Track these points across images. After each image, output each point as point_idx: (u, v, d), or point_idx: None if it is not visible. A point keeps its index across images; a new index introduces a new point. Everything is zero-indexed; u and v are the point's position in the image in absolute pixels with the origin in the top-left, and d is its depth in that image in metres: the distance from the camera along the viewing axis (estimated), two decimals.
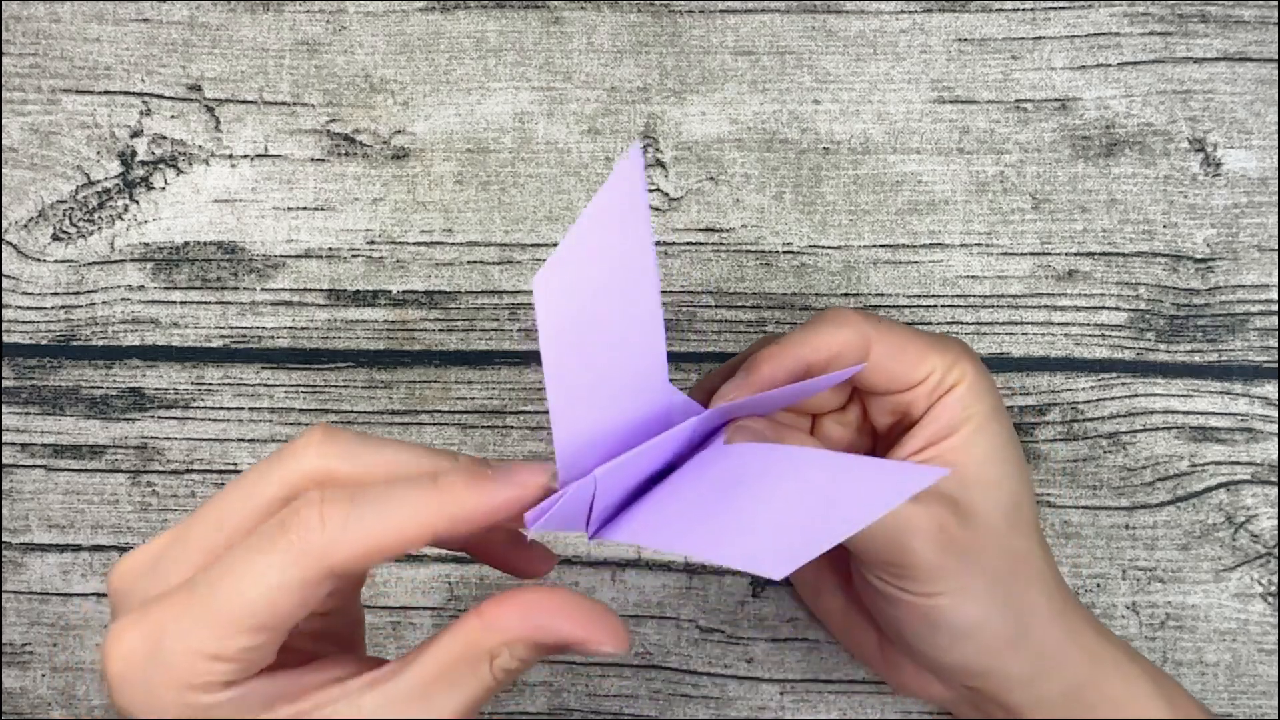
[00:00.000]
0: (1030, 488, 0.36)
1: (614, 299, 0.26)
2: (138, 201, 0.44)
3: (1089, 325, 0.43)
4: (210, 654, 0.25)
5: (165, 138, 0.44)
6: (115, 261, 0.44)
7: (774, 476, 0.27)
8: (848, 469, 0.27)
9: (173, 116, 0.44)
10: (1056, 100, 0.43)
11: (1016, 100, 0.43)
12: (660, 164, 0.44)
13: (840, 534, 0.24)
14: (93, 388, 0.44)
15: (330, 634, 0.30)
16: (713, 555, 0.25)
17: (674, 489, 0.29)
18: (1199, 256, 0.43)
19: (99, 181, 0.44)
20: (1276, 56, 0.43)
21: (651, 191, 0.44)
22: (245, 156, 0.44)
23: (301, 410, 0.44)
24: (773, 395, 0.32)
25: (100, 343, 0.44)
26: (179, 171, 0.44)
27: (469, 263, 0.44)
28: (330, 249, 0.44)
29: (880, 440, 0.37)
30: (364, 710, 0.26)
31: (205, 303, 0.44)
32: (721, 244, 0.44)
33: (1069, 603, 0.36)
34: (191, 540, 0.27)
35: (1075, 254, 0.43)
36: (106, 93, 0.44)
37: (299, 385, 0.44)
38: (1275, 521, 0.42)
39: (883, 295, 0.43)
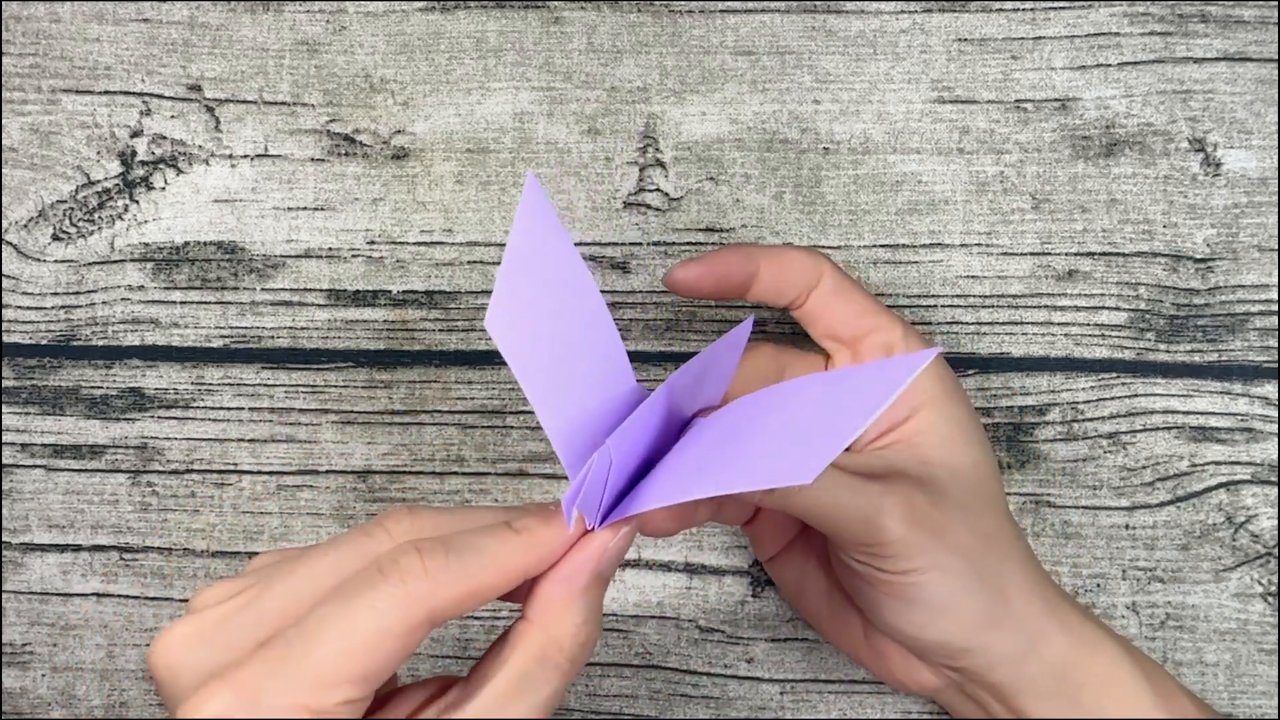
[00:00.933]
0: (995, 466, 0.37)
1: (561, 310, 0.29)
2: (138, 201, 0.44)
3: (1089, 325, 0.43)
4: (314, 708, 0.25)
5: (165, 138, 0.44)
6: (115, 261, 0.44)
7: (773, 409, 0.29)
8: (841, 379, 0.29)
9: (173, 116, 0.44)
10: (1056, 100, 0.43)
11: (1016, 100, 0.43)
12: (660, 164, 0.44)
13: (853, 430, 0.25)
14: (93, 388, 0.44)
15: None
16: (737, 485, 0.26)
17: (675, 458, 0.30)
18: (1199, 256, 0.43)
19: (99, 181, 0.44)
20: (1276, 56, 0.43)
21: (651, 191, 0.44)
22: (245, 156, 0.44)
23: (301, 410, 0.44)
24: (713, 355, 0.32)
25: (100, 343, 0.44)
26: (179, 171, 0.44)
27: (469, 263, 0.44)
28: (330, 249, 0.44)
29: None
30: None
31: (205, 303, 0.44)
32: (721, 244, 0.44)
33: (1045, 581, 0.36)
34: (265, 605, 0.27)
35: (1075, 254, 0.43)
36: (106, 93, 0.44)
37: (299, 385, 0.44)
38: (1275, 521, 0.42)
39: (883, 295, 0.43)
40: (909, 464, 0.36)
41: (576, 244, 0.44)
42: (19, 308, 0.44)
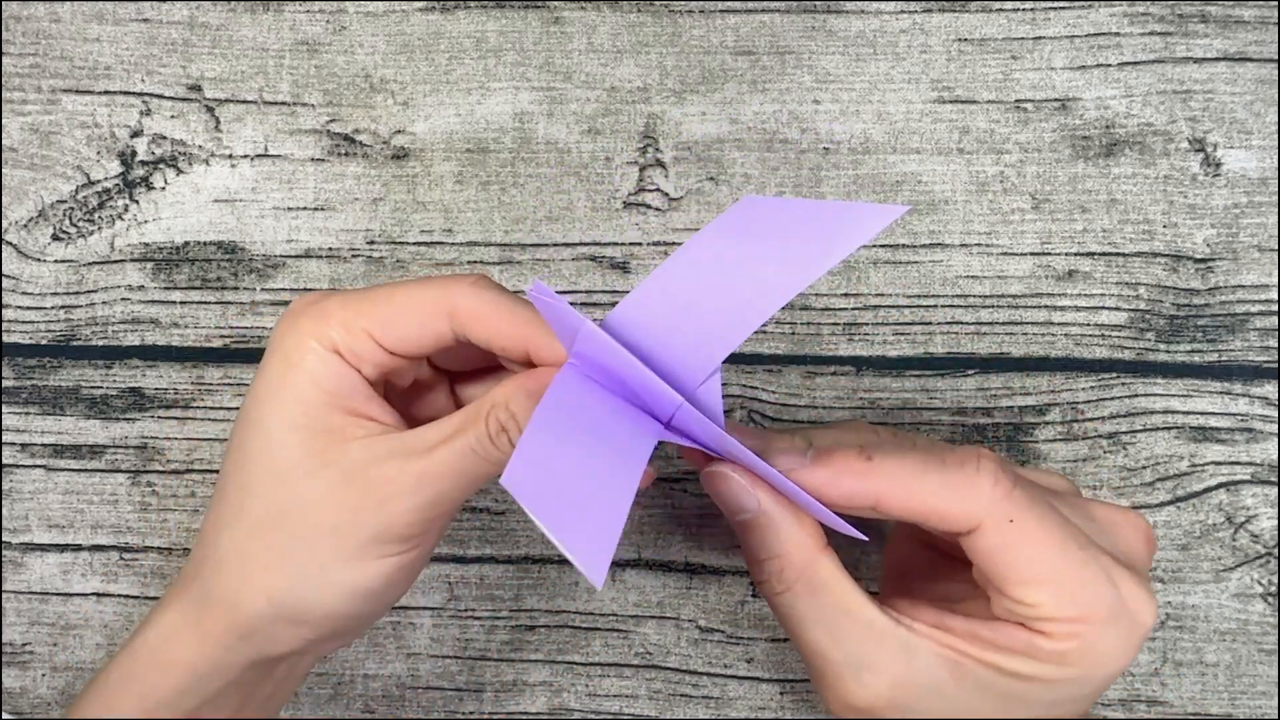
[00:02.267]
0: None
1: (753, 274, 0.29)
2: (138, 201, 0.44)
3: (1089, 325, 0.43)
4: (345, 324, 0.32)
5: (165, 138, 0.44)
6: (115, 261, 0.44)
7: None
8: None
9: (173, 116, 0.44)
10: (1056, 100, 0.43)
11: (1016, 100, 0.43)
12: (660, 164, 0.44)
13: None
14: (93, 388, 0.44)
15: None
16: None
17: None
18: (1199, 256, 0.43)
19: (99, 181, 0.44)
20: (1276, 56, 0.43)
21: (651, 191, 0.44)
22: (245, 156, 0.44)
23: None
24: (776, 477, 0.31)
25: (100, 343, 0.44)
26: (179, 171, 0.44)
27: (469, 263, 0.44)
28: (330, 249, 0.44)
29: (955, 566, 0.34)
30: (382, 446, 0.31)
31: (205, 303, 0.44)
32: None
33: None
34: (396, 298, 0.33)
35: (1075, 254, 0.43)
36: (106, 93, 0.44)
37: None
38: (1275, 521, 0.42)
39: (883, 295, 0.43)
40: (923, 674, 0.31)
41: (576, 243, 0.44)
42: (19, 308, 0.44)
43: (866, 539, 0.29)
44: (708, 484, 0.32)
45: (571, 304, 0.30)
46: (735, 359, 0.43)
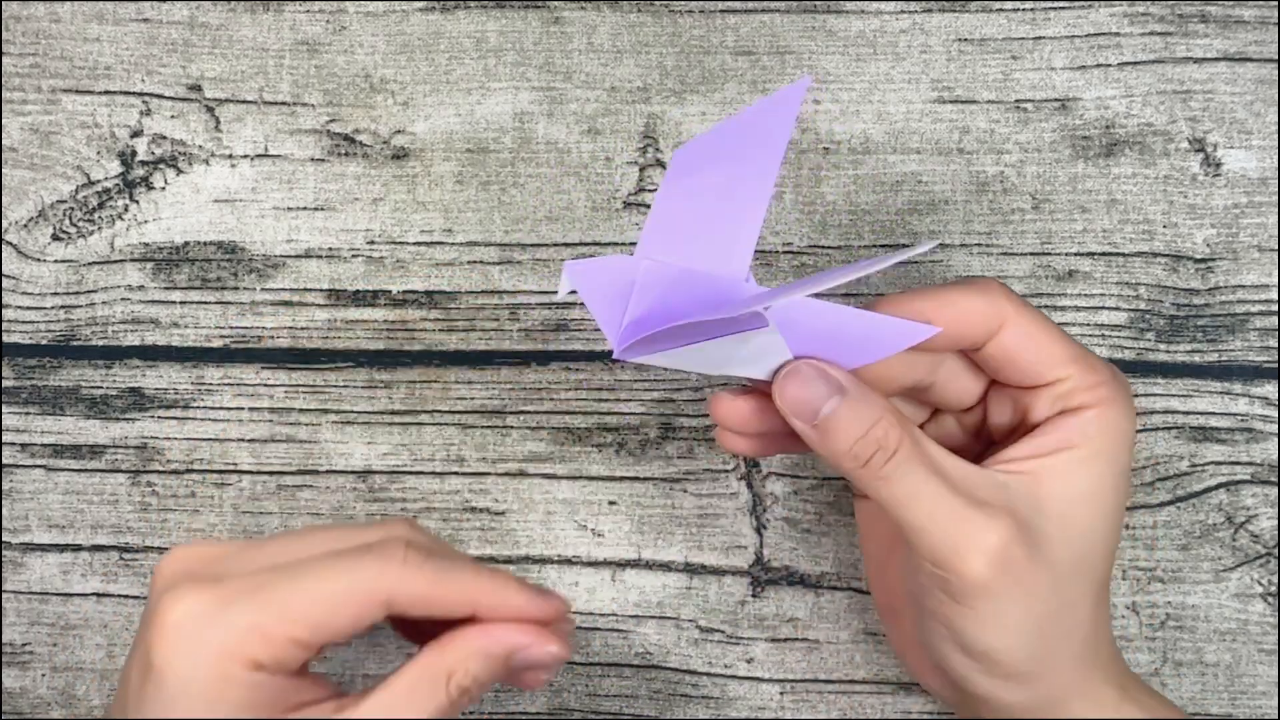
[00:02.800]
0: (1112, 548, 0.34)
1: (729, 191, 0.31)
2: (138, 201, 0.44)
3: (1089, 325, 0.43)
4: (267, 636, 0.29)
5: (165, 138, 0.44)
6: (115, 261, 0.44)
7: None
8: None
9: (173, 116, 0.44)
10: (1056, 100, 0.43)
11: (1016, 100, 0.43)
12: (660, 164, 0.44)
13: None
14: (93, 388, 0.44)
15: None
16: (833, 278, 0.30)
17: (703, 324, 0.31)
18: (1199, 256, 0.43)
19: (99, 181, 0.44)
20: (1276, 56, 0.43)
21: (652, 191, 0.44)
22: (245, 156, 0.44)
23: (301, 410, 0.44)
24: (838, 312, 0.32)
25: (100, 343, 0.44)
26: (179, 171, 0.44)
27: (469, 263, 0.44)
28: (330, 249, 0.44)
29: (992, 448, 0.35)
30: None
31: (205, 303, 0.44)
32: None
33: (1099, 666, 0.34)
34: (265, 551, 0.31)
35: (1075, 254, 0.43)
36: (106, 93, 0.44)
37: (299, 385, 0.44)
38: (1275, 521, 0.42)
39: (882, 295, 0.43)
40: (1022, 502, 0.32)
41: (576, 243, 0.44)
42: (19, 308, 0.44)
43: (939, 328, 0.32)
44: (780, 390, 0.32)
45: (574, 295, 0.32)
46: None
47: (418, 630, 0.33)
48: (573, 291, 0.32)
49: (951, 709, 0.38)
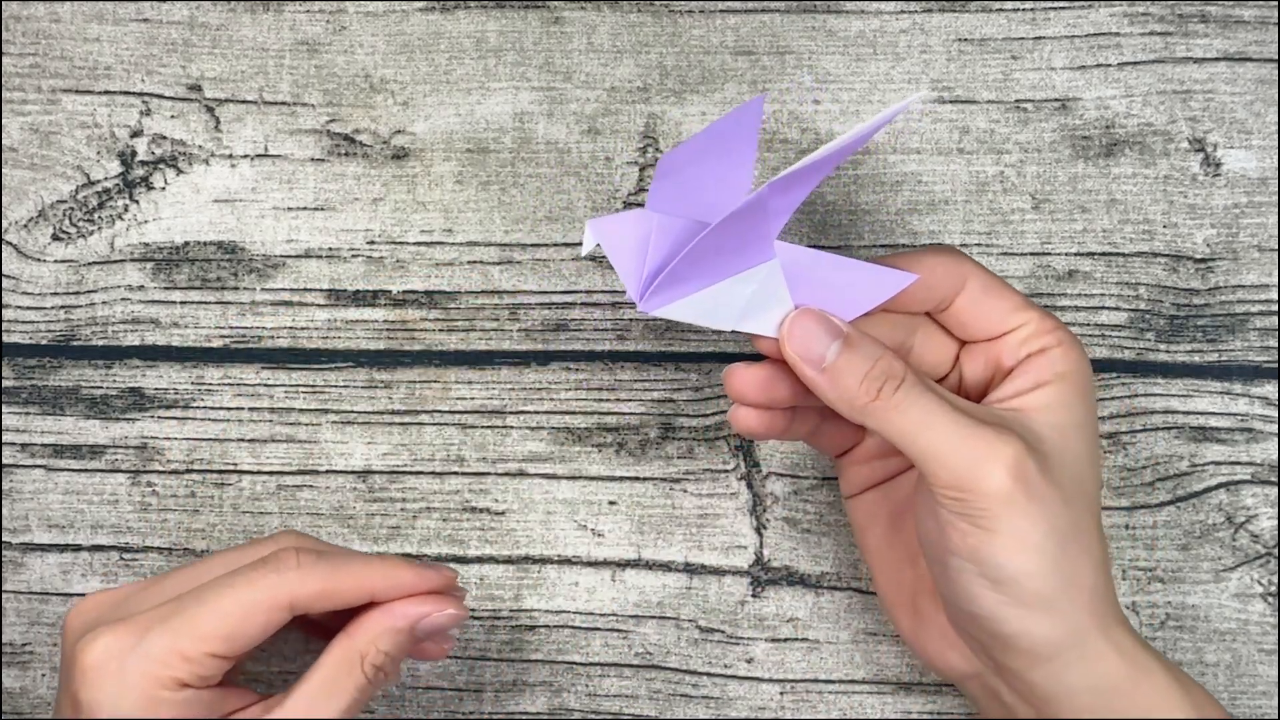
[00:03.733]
0: (1099, 477, 0.35)
1: (711, 192, 0.34)
2: (138, 201, 0.44)
3: (1089, 325, 0.43)
4: (186, 656, 0.31)
5: (165, 138, 0.44)
6: (115, 261, 0.44)
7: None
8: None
9: (173, 116, 0.44)
10: (1056, 100, 0.43)
11: (1016, 100, 0.43)
12: None
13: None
14: (93, 388, 0.44)
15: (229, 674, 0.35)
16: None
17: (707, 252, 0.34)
18: (1199, 256, 0.43)
19: (99, 181, 0.44)
20: (1276, 56, 0.43)
21: None
22: (245, 156, 0.44)
23: (301, 410, 0.44)
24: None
25: (100, 343, 0.44)
26: (179, 171, 0.44)
27: (469, 263, 0.44)
28: (330, 249, 0.44)
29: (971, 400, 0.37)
30: None
31: (205, 303, 0.44)
32: None
33: (1112, 600, 0.35)
34: (165, 586, 0.33)
35: (1075, 254, 0.43)
36: (106, 93, 0.44)
37: (299, 385, 0.44)
38: (1275, 521, 0.42)
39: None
40: (1024, 432, 0.34)
41: (575, 244, 0.44)
42: (19, 308, 0.44)
43: (917, 275, 0.34)
44: (791, 336, 0.34)
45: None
46: (737, 359, 0.43)
47: (323, 629, 0.36)
48: (597, 245, 0.34)
49: (972, 700, 0.37)
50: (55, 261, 0.44)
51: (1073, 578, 0.33)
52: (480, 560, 0.43)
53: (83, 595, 0.43)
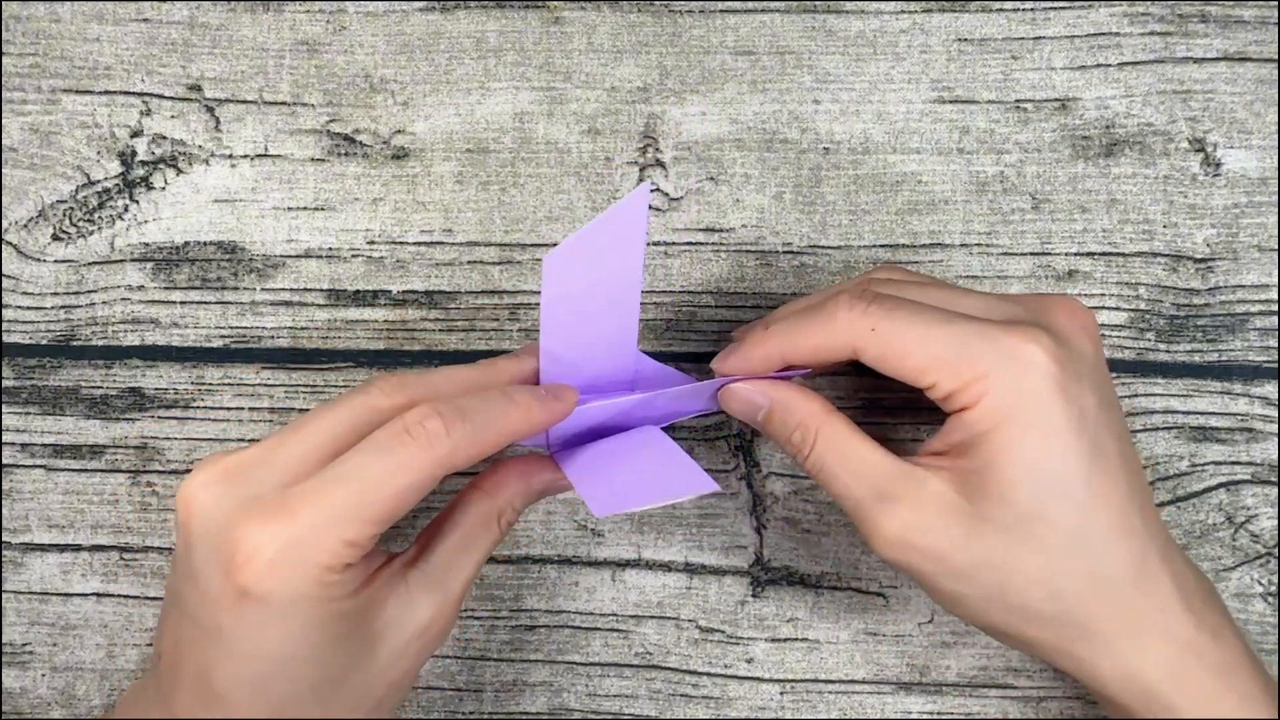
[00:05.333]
0: (1083, 495, 0.33)
1: (604, 285, 0.34)
2: (138, 201, 0.44)
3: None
4: (352, 541, 0.31)
5: (165, 138, 0.44)
6: (115, 261, 0.44)
7: (635, 450, 0.36)
8: (669, 462, 0.35)
9: (173, 116, 0.44)
10: (1056, 100, 0.43)
11: (1016, 100, 0.43)
12: (660, 164, 0.44)
13: (649, 502, 0.33)
14: (93, 388, 0.44)
15: None
16: (588, 500, 0.34)
17: (605, 445, 0.37)
18: (1199, 256, 0.43)
19: (99, 181, 0.44)
20: (1276, 56, 0.43)
21: (652, 192, 0.44)
22: (245, 156, 0.44)
23: (301, 410, 0.44)
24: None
25: (100, 343, 0.44)
26: (179, 171, 0.44)
27: (469, 263, 0.44)
28: (330, 249, 0.44)
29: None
30: (412, 585, 0.33)
31: (205, 303, 0.44)
32: (721, 244, 0.44)
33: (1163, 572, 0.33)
34: (283, 454, 0.32)
35: (1075, 254, 0.43)
36: (106, 93, 0.44)
37: (299, 385, 0.44)
38: (1275, 521, 0.42)
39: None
40: (947, 478, 0.34)
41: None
42: (19, 308, 0.44)
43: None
44: (725, 405, 0.37)
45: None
46: None
47: None
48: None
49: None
50: (55, 261, 0.44)
51: (984, 614, 0.34)
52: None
53: (83, 595, 0.43)
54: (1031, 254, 0.43)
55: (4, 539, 0.44)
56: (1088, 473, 0.33)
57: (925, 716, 0.43)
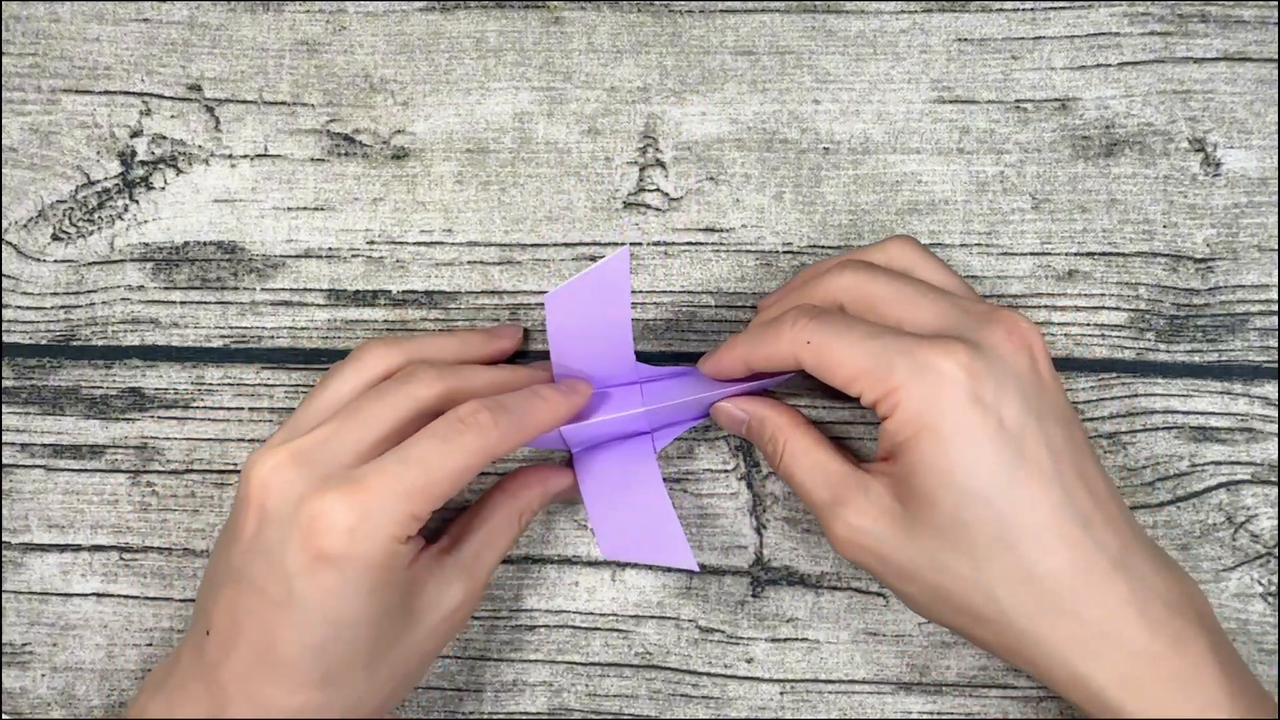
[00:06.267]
0: (1037, 482, 0.34)
1: (599, 318, 0.38)
2: (138, 201, 0.44)
3: (1089, 325, 0.43)
4: (415, 514, 0.34)
5: (165, 138, 0.44)
6: (115, 261, 0.44)
7: (643, 507, 0.40)
8: (666, 531, 0.39)
9: (173, 116, 0.44)
10: (1056, 100, 0.43)
11: (1016, 100, 0.43)
12: (660, 164, 0.44)
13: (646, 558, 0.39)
14: (93, 388, 0.44)
15: None
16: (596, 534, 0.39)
17: (618, 477, 0.41)
18: (1199, 256, 0.43)
19: (99, 181, 0.44)
20: (1276, 56, 0.43)
21: (651, 191, 0.44)
22: (245, 156, 0.44)
23: None
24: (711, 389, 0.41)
25: (100, 343, 0.44)
26: (179, 171, 0.44)
27: (469, 263, 0.44)
28: (330, 249, 0.44)
29: None
30: (447, 570, 0.37)
31: (205, 303, 0.44)
32: (721, 244, 0.44)
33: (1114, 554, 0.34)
34: (346, 438, 0.36)
35: (1075, 254, 0.43)
36: (106, 93, 0.44)
37: (299, 385, 0.44)
38: (1275, 521, 0.42)
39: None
40: (890, 480, 0.37)
41: (576, 243, 0.44)
42: (19, 308, 0.44)
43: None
44: (716, 419, 0.41)
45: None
46: None
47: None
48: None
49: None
50: (55, 261, 0.44)
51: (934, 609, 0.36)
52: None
53: (82, 595, 0.43)
54: (1031, 254, 0.43)
55: (4, 539, 0.44)
56: (1007, 480, 0.34)
57: (925, 716, 0.43)
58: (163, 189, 0.44)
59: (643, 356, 0.44)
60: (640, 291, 0.44)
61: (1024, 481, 0.34)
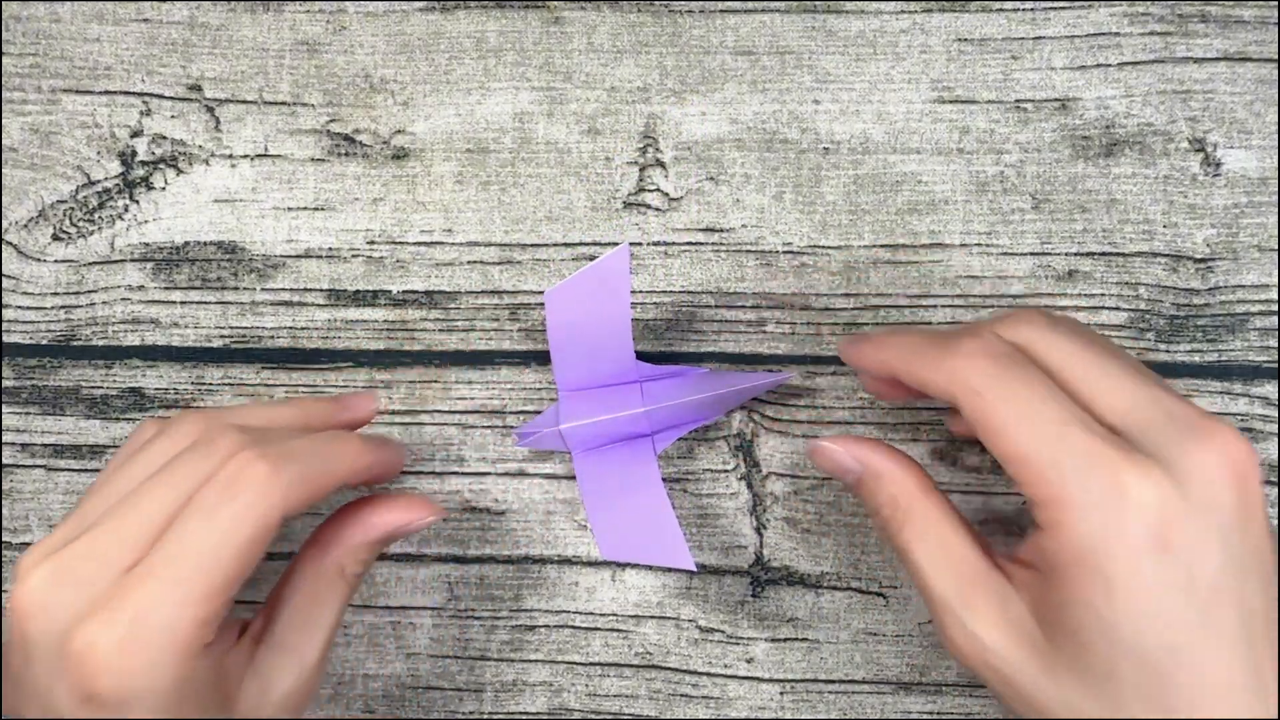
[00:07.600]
0: (1219, 649, 0.28)
1: (599, 315, 0.39)
2: (138, 201, 0.44)
3: (1089, 325, 0.43)
4: (200, 619, 0.28)
5: (165, 138, 0.44)
6: (115, 261, 0.44)
7: (643, 510, 0.40)
8: (666, 532, 0.39)
9: (173, 116, 0.44)
10: (1056, 100, 0.43)
11: (1016, 100, 0.43)
12: (660, 164, 0.44)
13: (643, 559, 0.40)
14: (93, 388, 0.44)
15: None
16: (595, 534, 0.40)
17: (618, 479, 0.40)
18: (1199, 256, 0.43)
19: (99, 181, 0.44)
20: (1276, 56, 0.43)
21: (651, 191, 0.44)
22: (245, 156, 0.44)
23: None
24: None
25: (100, 343, 0.44)
26: (179, 171, 0.44)
27: (469, 263, 0.44)
28: (330, 249, 0.44)
29: None
30: (264, 662, 0.31)
31: (205, 303, 0.44)
32: (721, 244, 0.44)
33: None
34: (121, 535, 0.29)
35: (1075, 254, 0.43)
36: (106, 93, 0.44)
37: (299, 385, 0.44)
38: (1275, 522, 0.42)
39: (883, 295, 0.43)
40: (1016, 603, 0.31)
41: (576, 243, 0.44)
42: (19, 308, 0.44)
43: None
44: (812, 459, 0.35)
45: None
46: (736, 359, 0.43)
47: None
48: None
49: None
50: (55, 261, 0.44)
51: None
52: (480, 560, 0.43)
53: None
54: (1031, 254, 0.43)
55: (4, 539, 0.44)
56: (1184, 643, 0.28)
57: (925, 716, 0.43)
58: (163, 189, 0.44)
59: (643, 356, 0.44)
60: (640, 291, 0.44)
61: (1202, 646, 0.28)
